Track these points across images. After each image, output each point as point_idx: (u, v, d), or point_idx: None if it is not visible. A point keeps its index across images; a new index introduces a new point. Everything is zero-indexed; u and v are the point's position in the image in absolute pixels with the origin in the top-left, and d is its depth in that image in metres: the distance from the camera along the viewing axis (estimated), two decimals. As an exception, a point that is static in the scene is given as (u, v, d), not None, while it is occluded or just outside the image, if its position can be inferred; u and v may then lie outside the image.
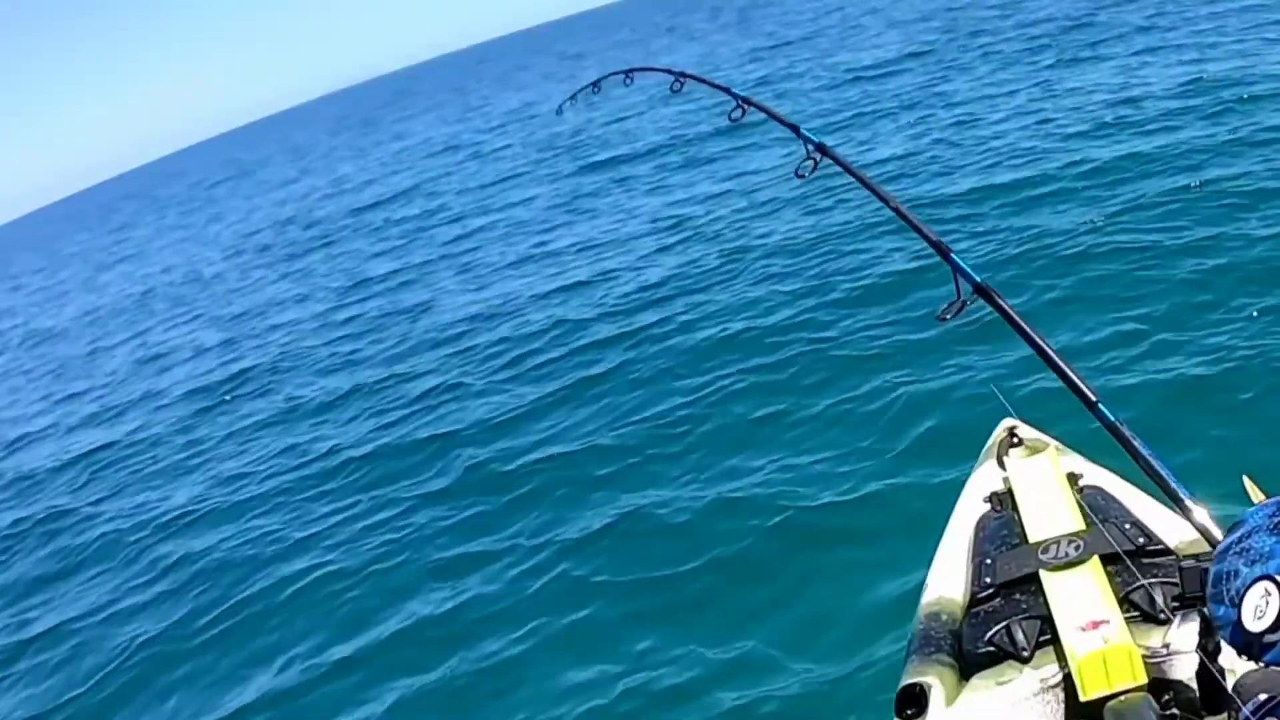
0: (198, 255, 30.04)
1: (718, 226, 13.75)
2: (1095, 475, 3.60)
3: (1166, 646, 2.73)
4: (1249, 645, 0.94)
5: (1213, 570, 1.06)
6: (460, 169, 28.03)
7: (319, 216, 28.03)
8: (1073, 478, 3.50)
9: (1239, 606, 0.94)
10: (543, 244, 15.99)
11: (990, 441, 4.07)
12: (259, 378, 13.93)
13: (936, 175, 13.13)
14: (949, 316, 3.38)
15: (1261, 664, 0.98)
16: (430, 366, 11.62)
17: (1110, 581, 2.92)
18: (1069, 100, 14.51)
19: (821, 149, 4.16)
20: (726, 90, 5.11)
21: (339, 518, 8.55)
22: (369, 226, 23.36)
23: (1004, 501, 3.56)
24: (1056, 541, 3.12)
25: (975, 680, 2.93)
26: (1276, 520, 0.99)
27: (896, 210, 3.72)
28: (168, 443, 12.62)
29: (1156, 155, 10.84)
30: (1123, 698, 2.59)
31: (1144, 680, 2.62)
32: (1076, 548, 3.06)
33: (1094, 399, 2.80)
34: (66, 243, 62.52)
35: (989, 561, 3.22)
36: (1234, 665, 2.57)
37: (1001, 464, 3.81)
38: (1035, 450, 3.84)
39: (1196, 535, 3.22)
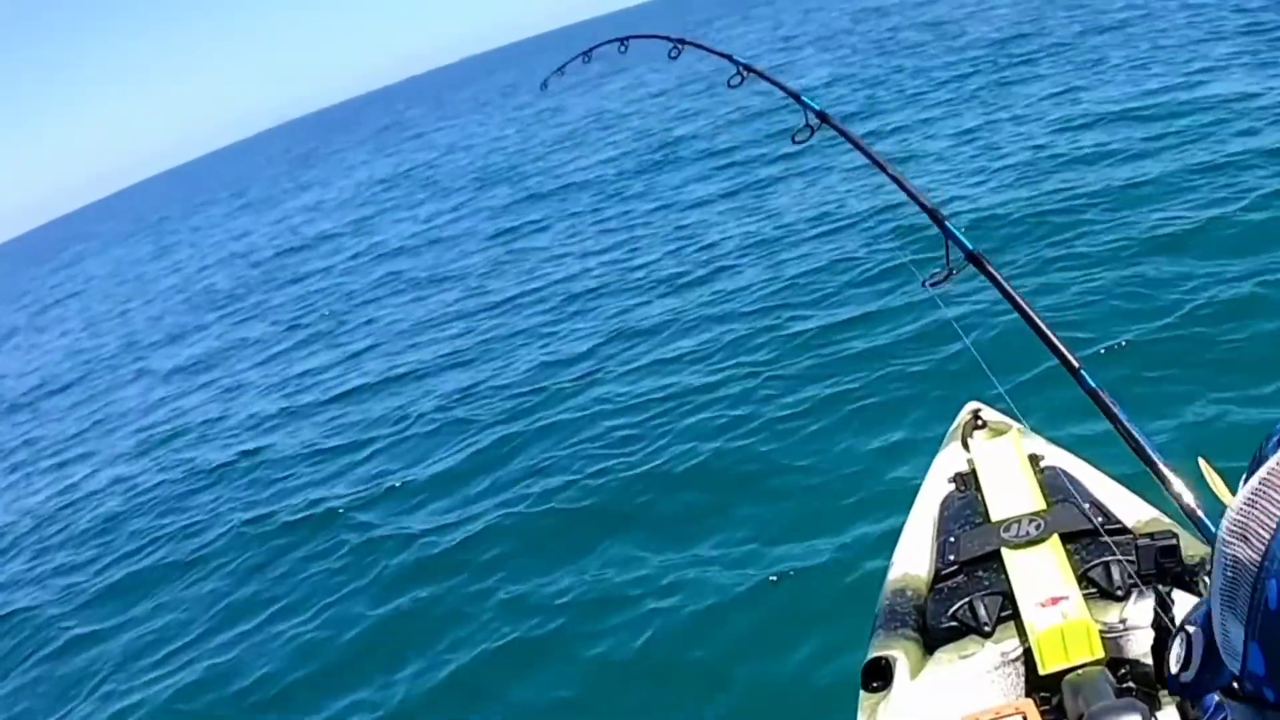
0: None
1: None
2: (1056, 456, 3.63)
3: (1123, 622, 2.77)
4: (1176, 688, 1.01)
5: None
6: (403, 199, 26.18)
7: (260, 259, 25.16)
8: (1034, 459, 3.53)
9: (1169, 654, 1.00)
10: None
11: (955, 424, 4.10)
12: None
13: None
14: (936, 283, 3.34)
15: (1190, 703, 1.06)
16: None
17: (1069, 559, 2.94)
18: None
19: (822, 116, 4.02)
20: (727, 57, 4.88)
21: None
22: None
23: (968, 482, 3.58)
24: (1018, 520, 3.14)
25: (939, 654, 2.95)
26: None
27: (894, 178, 3.63)
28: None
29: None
30: (1080, 671, 2.61)
31: (1101, 655, 2.64)
32: (1037, 526, 3.08)
33: (1077, 365, 2.78)
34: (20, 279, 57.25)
35: (953, 539, 3.24)
36: None
37: (966, 445, 3.84)
38: (998, 432, 3.87)
39: (1154, 514, 3.26)
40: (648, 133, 22.26)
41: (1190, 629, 0.98)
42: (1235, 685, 0.85)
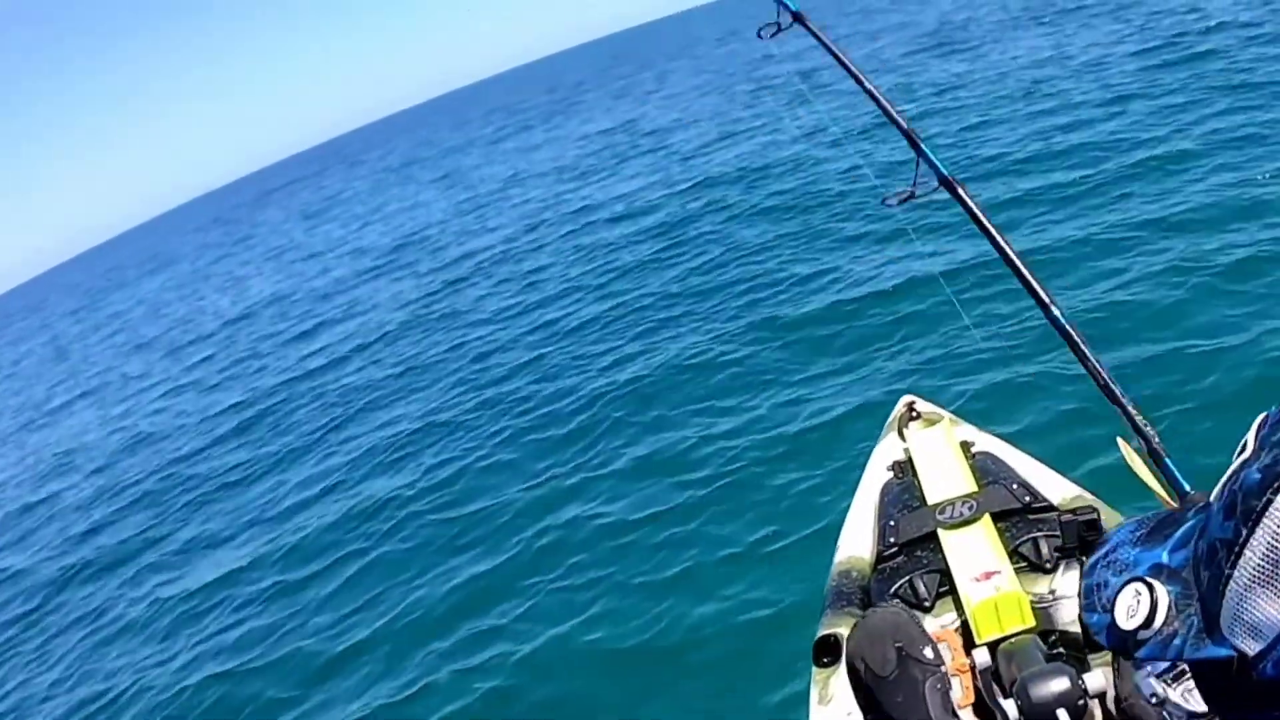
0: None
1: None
2: (985, 443, 3.69)
3: (1052, 593, 2.82)
4: (1124, 642, 0.93)
5: (1083, 584, 1.04)
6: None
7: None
8: (965, 445, 3.59)
9: (1112, 610, 0.94)
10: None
11: (891, 416, 4.15)
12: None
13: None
14: (898, 201, 3.13)
15: (1134, 659, 0.97)
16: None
17: (1000, 536, 3.00)
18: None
19: (797, 17, 3.53)
20: None
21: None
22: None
23: (905, 469, 3.63)
24: (952, 503, 3.19)
25: None
26: (1139, 534, 1.01)
27: (870, 93, 3.30)
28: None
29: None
30: (1014, 639, 2.66)
31: (1032, 624, 2.69)
32: (970, 507, 3.14)
33: (1048, 300, 2.64)
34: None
35: (892, 523, 3.28)
36: None
37: (902, 435, 3.89)
38: (931, 422, 3.93)
39: (1076, 492, 3.33)
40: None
41: (1154, 583, 0.92)
42: (1237, 665, 0.82)
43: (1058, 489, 3.33)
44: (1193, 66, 11.99)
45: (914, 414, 4.04)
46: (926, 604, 2.97)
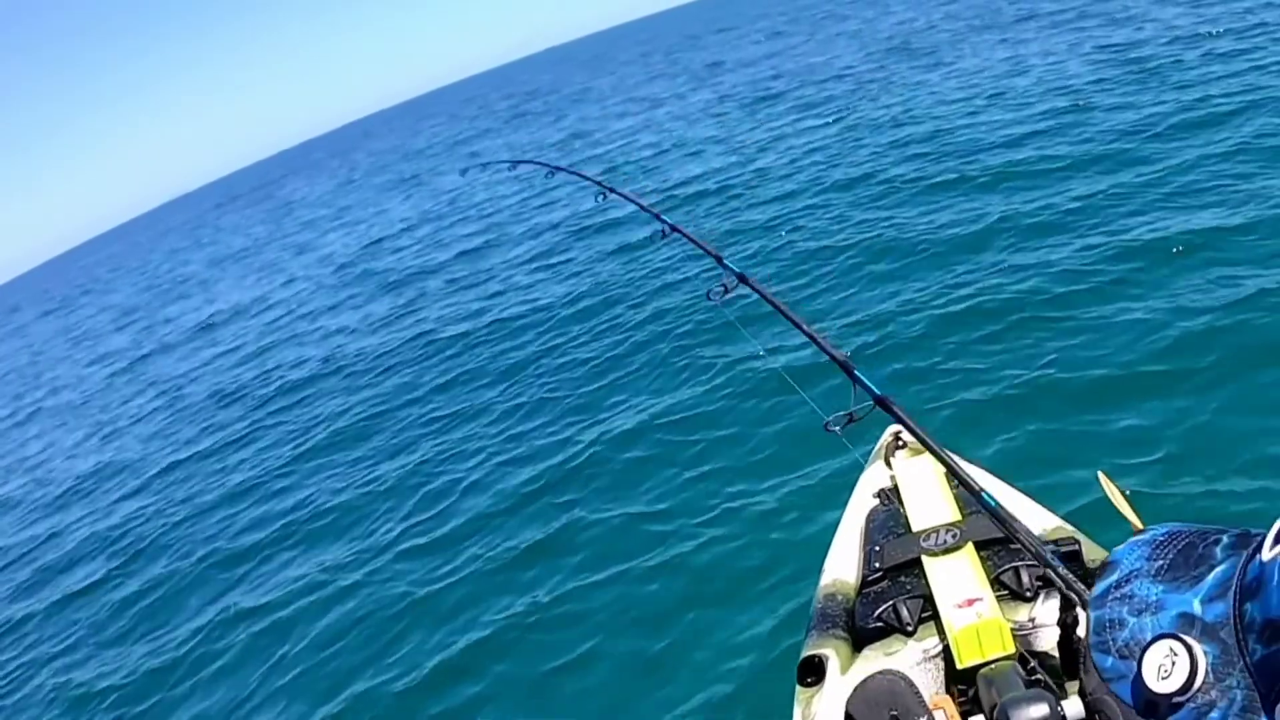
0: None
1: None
2: (970, 473, 3.71)
3: (1032, 621, 2.84)
4: (1153, 705, 0.84)
5: (1093, 616, 0.94)
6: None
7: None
8: (950, 475, 3.61)
9: (1139, 662, 0.85)
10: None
11: (879, 445, 4.17)
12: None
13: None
14: (838, 427, 3.29)
15: None
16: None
17: (983, 564, 3.00)
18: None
19: (741, 278, 3.90)
20: (650, 211, 4.72)
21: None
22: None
23: (891, 497, 3.64)
24: (936, 531, 3.19)
25: (866, 651, 2.99)
26: (1158, 565, 0.92)
27: (809, 335, 3.59)
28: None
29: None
30: (994, 665, 2.66)
31: (1013, 650, 2.69)
32: (953, 535, 3.14)
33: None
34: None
35: (878, 548, 3.28)
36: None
37: (888, 464, 3.91)
38: (917, 451, 3.94)
39: (1058, 523, 3.34)
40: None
41: (1191, 644, 0.83)
42: None
43: (1039, 520, 3.35)
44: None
45: (900, 443, 4.06)
46: (910, 628, 2.98)
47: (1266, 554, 0.82)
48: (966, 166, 11.79)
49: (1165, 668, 0.83)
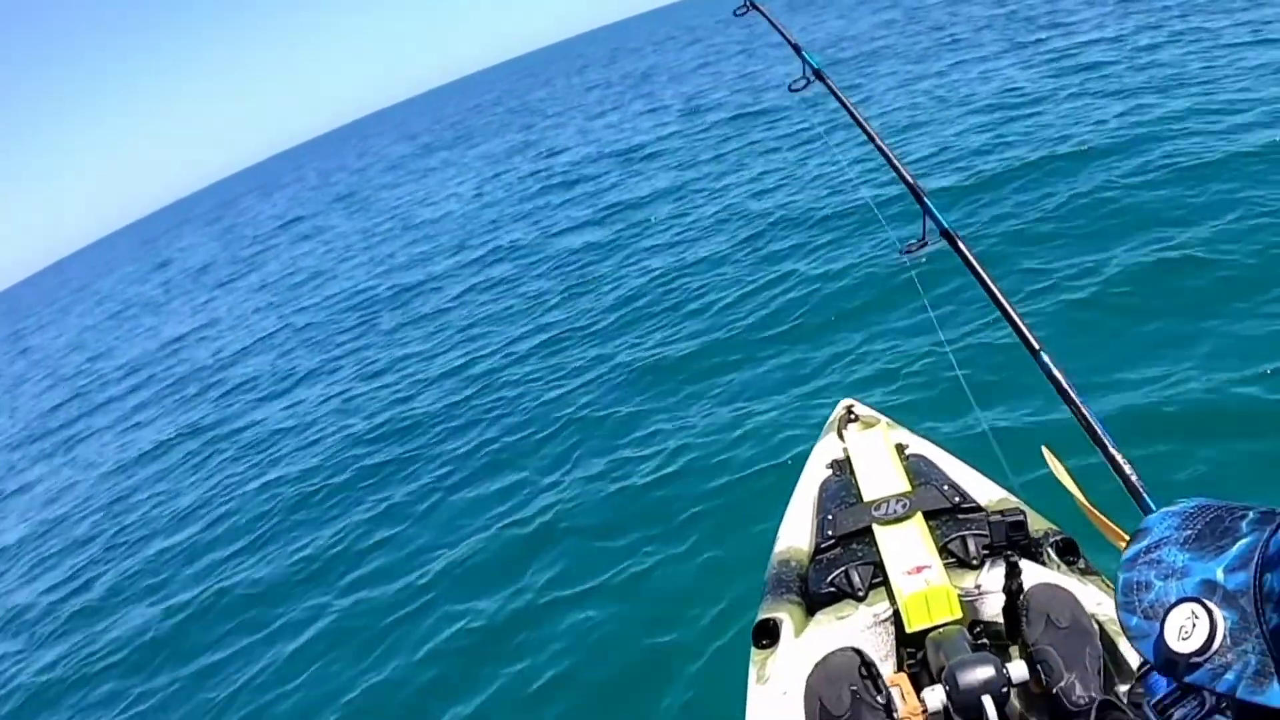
0: None
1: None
2: (919, 445, 3.76)
3: (978, 587, 2.89)
4: (1173, 664, 0.87)
5: (1121, 577, 0.97)
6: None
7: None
8: (900, 447, 3.64)
9: (1162, 623, 0.88)
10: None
11: (831, 418, 4.21)
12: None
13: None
14: (911, 251, 3.06)
15: (1182, 683, 0.89)
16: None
17: (931, 533, 3.05)
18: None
19: (818, 74, 3.72)
20: None
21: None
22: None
23: (843, 467, 3.67)
24: (886, 500, 3.24)
25: (819, 615, 3.03)
26: (1187, 534, 0.94)
27: (880, 148, 3.32)
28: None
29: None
30: (942, 629, 2.71)
31: (960, 615, 2.74)
32: (903, 505, 3.19)
33: (1038, 348, 2.57)
34: None
35: (830, 517, 3.32)
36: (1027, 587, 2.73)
37: (841, 436, 3.95)
38: (869, 425, 3.99)
39: (1003, 494, 3.40)
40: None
41: (1211, 607, 0.86)
42: None
43: (985, 491, 3.41)
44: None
45: (853, 416, 4.11)
46: (860, 594, 3.02)
47: None
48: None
49: (1186, 629, 0.86)
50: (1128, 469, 2.30)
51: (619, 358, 8.67)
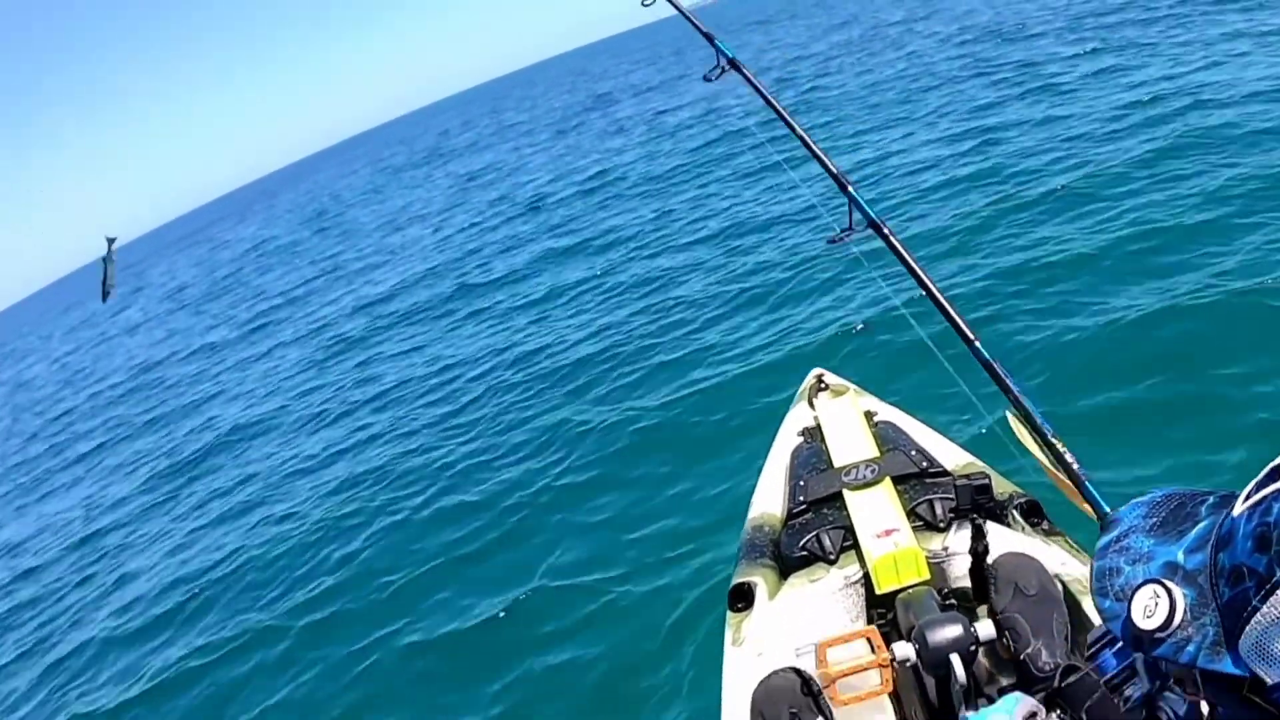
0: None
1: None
2: (887, 412, 3.77)
3: (945, 549, 2.90)
4: (1139, 640, 0.93)
5: (1095, 565, 1.03)
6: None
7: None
8: (869, 414, 3.65)
9: (1129, 603, 0.94)
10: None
11: (802, 386, 4.21)
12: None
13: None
14: (837, 240, 2.98)
15: (1149, 658, 0.98)
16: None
17: (900, 497, 3.06)
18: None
19: (733, 63, 3.53)
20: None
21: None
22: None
23: (814, 435, 3.67)
24: (856, 466, 3.24)
25: (792, 579, 3.04)
26: (1152, 521, 1.00)
27: (801, 138, 3.19)
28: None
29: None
30: (910, 590, 2.72)
31: (928, 576, 2.76)
32: (872, 470, 3.19)
33: (972, 337, 2.55)
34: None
35: (802, 483, 3.32)
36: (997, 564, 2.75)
37: (811, 404, 3.94)
38: (838, 393, 3.99)
39: (969, 459, 3.42)
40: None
41: (1171, 587, 0.91)
42: (1249, 685, 0.83)
43: (952, 456, 3.42)
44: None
45: (823, 385, 4.11)
46: (832, 557, 3.03)
47: (1238, 509, 0.89)
48: None
49: (1150, 608, 0.92)
50: (1068, 456, 2.32)
51: (585, 341, 8.67)
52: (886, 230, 2.83)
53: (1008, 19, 19.81)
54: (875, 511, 3.02)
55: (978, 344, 2.53)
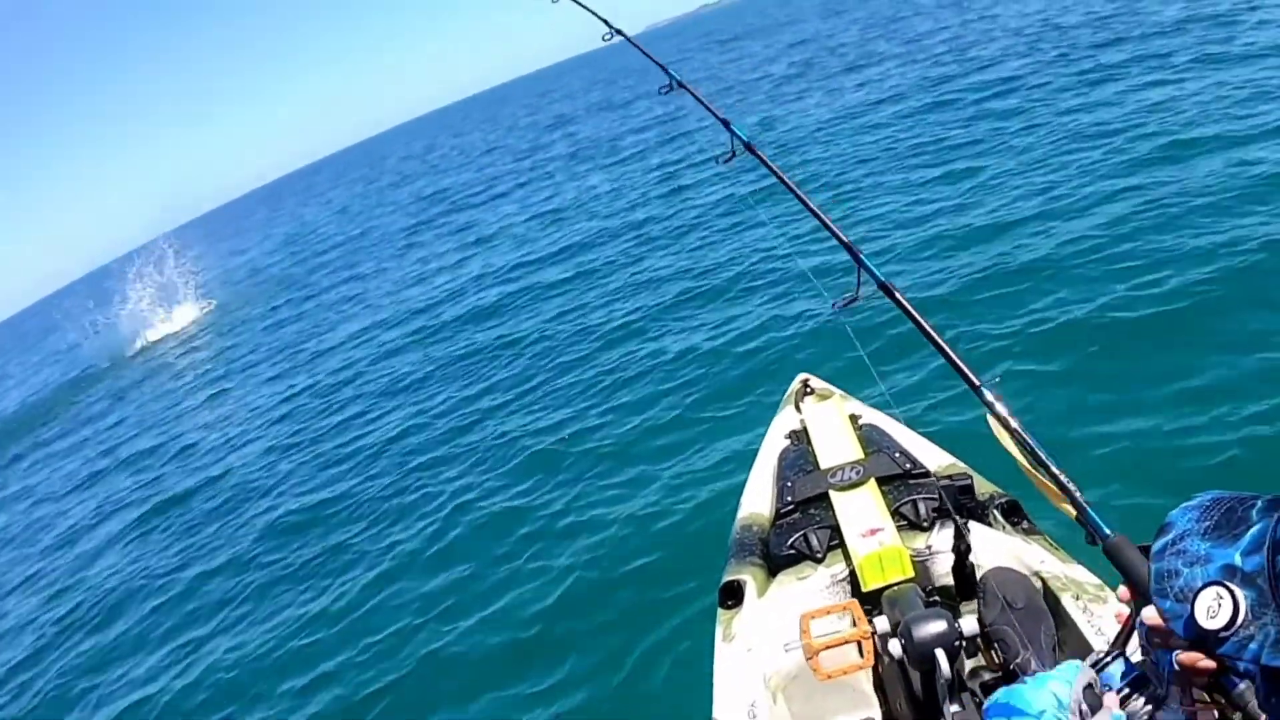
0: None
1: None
2: (871, 416, 3.80)
3: (929, 548, 2.93)
4: (1203, 638, 0.97)
5: (1153, 567, 1.06)
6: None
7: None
8: (854, 418, 3.68)
9: (1191, 604, 0.98)
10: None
11: (789, 391, 4.24)
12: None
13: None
14: (843, 306, 2.86)
15: (1214, 654, 1.00)
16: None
17: (884, 498, 3.08)
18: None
19: (748, 146, 3.47)
20: (662, 67, 4.18)
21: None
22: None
23: (800, 437, 3.70)
24: (842, 468, 3.27)
25: (780, 576, 3.07)
26: (1205, 525, 1.03)
27: (813, 211, 3.16)
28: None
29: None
30: (895, 588, 2.74)
31: (912, 574, 2.78)
32: (857, 472, 3.22)
33: (978, 383, 2.37)
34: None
35: (789, 484, 3.35)
36: (980, 561, 2.79)
37: (798, 408, 3.98)
38: (824, 397, 4.03)
39: (951, 460, 3.45)
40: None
41: (1233, 588, 0.96)
42: None
43: (935, 458, 3.45)
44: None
45: (809, 389, 4.14)
46: (819, 555, 3.06)
47: None
48: None
49: (1213, 609, 0.96)
50: (1072, 486, 2.33)
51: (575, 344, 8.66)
52: (898, 294, 2.79)
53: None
54: (861, 511, 3.04)
55: (985, 392, 2.50)
